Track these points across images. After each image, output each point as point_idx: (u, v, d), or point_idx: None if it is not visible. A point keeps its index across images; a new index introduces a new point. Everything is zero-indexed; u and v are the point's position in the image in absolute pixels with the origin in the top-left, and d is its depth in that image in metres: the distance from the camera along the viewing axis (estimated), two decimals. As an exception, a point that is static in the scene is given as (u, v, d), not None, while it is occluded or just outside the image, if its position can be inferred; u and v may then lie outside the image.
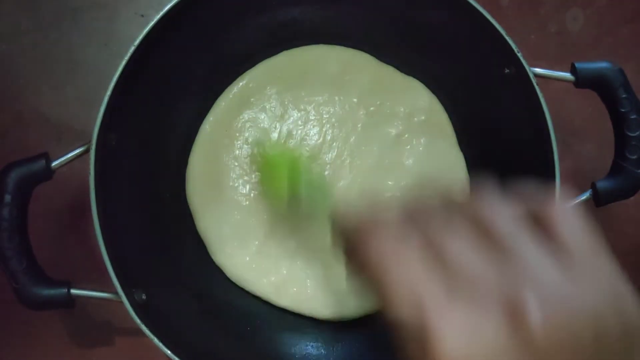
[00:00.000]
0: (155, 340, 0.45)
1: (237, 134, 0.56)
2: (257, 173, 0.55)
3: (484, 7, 0.49)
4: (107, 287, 0.45)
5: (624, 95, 0.48)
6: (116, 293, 0.45)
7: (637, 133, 0.47)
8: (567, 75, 0.49)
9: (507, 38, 0.48)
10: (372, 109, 0.57)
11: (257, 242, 0.54)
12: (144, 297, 0.47)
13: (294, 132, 0.56)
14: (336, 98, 0.57)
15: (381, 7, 0.55)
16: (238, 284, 0.54)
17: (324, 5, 0.56)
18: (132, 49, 0.47)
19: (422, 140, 0.57)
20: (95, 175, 0.46)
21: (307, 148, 0.56)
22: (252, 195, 0.55)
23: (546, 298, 0.22)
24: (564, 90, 0.51)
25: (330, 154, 0.56)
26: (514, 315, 0.22)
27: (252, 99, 0.57)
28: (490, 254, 0.24)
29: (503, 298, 0.22)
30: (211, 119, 0.56)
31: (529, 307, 0.21)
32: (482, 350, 0.22)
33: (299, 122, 0.57)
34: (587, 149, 0.60)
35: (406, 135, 0.57)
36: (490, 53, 0.50)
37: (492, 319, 0.22)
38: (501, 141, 0.54)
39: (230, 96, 0.56)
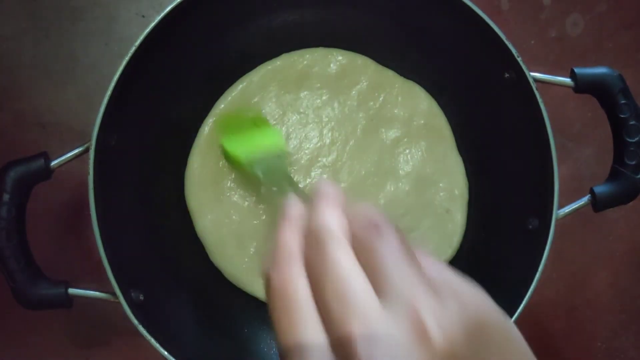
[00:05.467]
0: (153, 341, 0.45)
1: (237, 136, 0.56)
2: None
3: (485, 12, 0.49)
4: (105, 287, 0.45)
5: (623, 101, 0.48)
6: (114, 293, 0.45)
7: (636, 139, 0.47)
8: (566, 80, 0.49)
9: (507, 43, 0.48)
10: (371, 112, 0.57)
11: (255, 244, 0.54)
12: (141, 297, 0.47)
13: (293, 135, 0.56)
14: (335, 101, 0.57)
15: (381, 11, 0.55)
16: (236, 285, 0.54)
17: (324, 8, 0.56)
18: (133, 49, 0.47)
19: (421, 144, 0.57)
20: (94, 175, 0.46)
21: (306, 150, 0.56)
22: (251, 197, 0.55)
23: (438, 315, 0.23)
24: (564, 95, 0.51)
25: (329, 157, 0.56)
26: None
27: (251, 101, 0.57)
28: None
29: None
30: (211, 120, 0.56)
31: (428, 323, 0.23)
32: None
33: (299, 125, 0.57)
34: (586, 154, 0.60)
35: (405, 139, 0.57)
36: (490, 57, 0.50)
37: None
38: (500, 145, 0.54)
39: (230, 98, 0.56)
